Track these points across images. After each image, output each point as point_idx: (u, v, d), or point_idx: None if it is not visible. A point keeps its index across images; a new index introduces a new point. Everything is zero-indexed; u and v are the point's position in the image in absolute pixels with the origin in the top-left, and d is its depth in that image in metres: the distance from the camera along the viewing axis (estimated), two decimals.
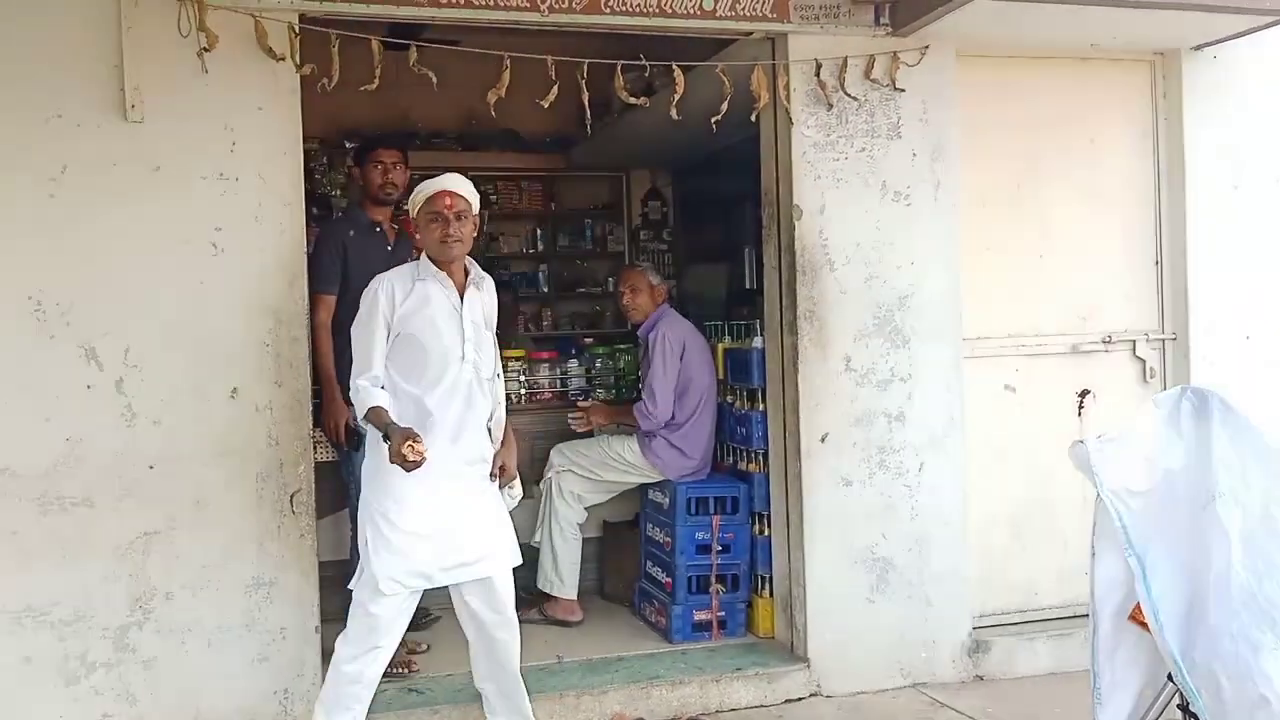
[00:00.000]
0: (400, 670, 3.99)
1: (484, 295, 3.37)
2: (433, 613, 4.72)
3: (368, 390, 3.17)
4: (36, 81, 3.40)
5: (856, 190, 4.21)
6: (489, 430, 3.37)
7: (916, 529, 4.28)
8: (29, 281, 3.40)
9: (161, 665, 3.51)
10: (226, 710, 3.56)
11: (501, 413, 3.45)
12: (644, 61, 3.91)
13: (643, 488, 4.78)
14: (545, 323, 7.69)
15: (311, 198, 5.75)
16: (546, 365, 5.25)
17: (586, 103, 3.83)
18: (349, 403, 3.66)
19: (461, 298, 3.27)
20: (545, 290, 7.82)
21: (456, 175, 3.33)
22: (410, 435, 3.02)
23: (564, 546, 4.65)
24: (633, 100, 3.95)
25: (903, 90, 4.22)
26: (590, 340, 5.69)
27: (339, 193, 6.94)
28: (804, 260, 4.16)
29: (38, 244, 3.41)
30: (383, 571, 3.12)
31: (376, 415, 3.13)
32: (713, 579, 4.46)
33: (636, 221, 7.99)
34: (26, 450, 3.40)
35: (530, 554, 4.78)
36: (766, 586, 4.46)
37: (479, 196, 3.39)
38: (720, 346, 4.79)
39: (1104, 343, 4.66)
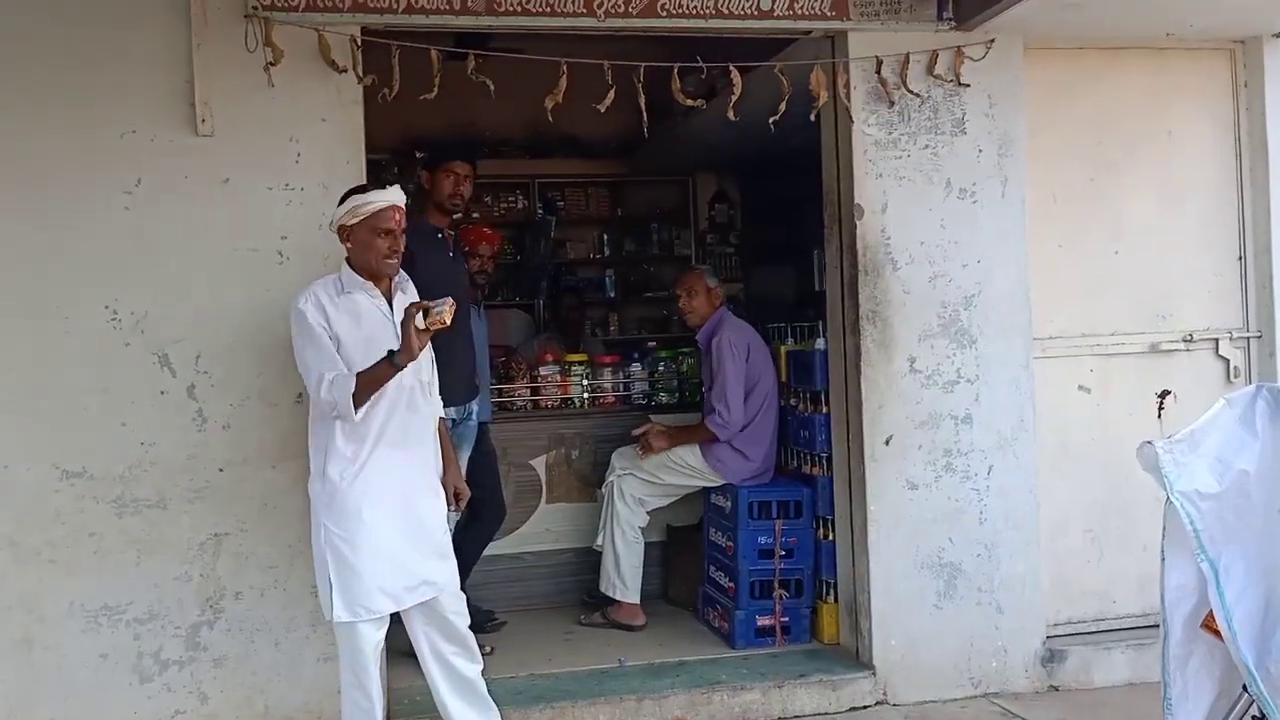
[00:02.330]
0: None
1: (409, 297, 3.26)
2: (498, 617, 4.77)
3: (338, 377, 2.99)
4: (114, 98, 3.53)
5: (920, 188, 4.14)
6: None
7: (986, 533, 4.18)
8: (106, 291, 3.53)
9: (231, 663, 3.60)
10: (292, 708, 3.64)
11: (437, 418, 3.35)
12: (700, 63, 3.89)
13: (706, 491, 4.76)
14: (612, 328, 7.71)
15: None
16: (609, 370, 5.26)
17: (644, 107, 3.82)
18: None
19: (390, 305, 3.18)
20: (612, 295, 7.85)
21: (398, 187, 3.21)
22: (413, 311, 2.94)
23: (626, 550, 4.65)
24: (690, 103, 3.93)
25: (967, 85, 4.14)
26: (654, 344, 5.68)
27: (408, 202, 7.05)
28: (866, 260, 4.10)
29: (114, 254, 3.54)
30: (350, 599, 3.05)
31: (363, 376, 2.98)
32: (775, 584, 4.41)
33: (703, 225, 7.98)
34: (104, 454, 3.53)
35: (593, 558, 4.82)
36: (831, 592, 4.40)
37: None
38: (783, 349, 4.75)
39: (1184, 341, 4.50)
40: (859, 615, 4.19)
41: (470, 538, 4.71)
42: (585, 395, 5.19)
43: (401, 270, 3.31)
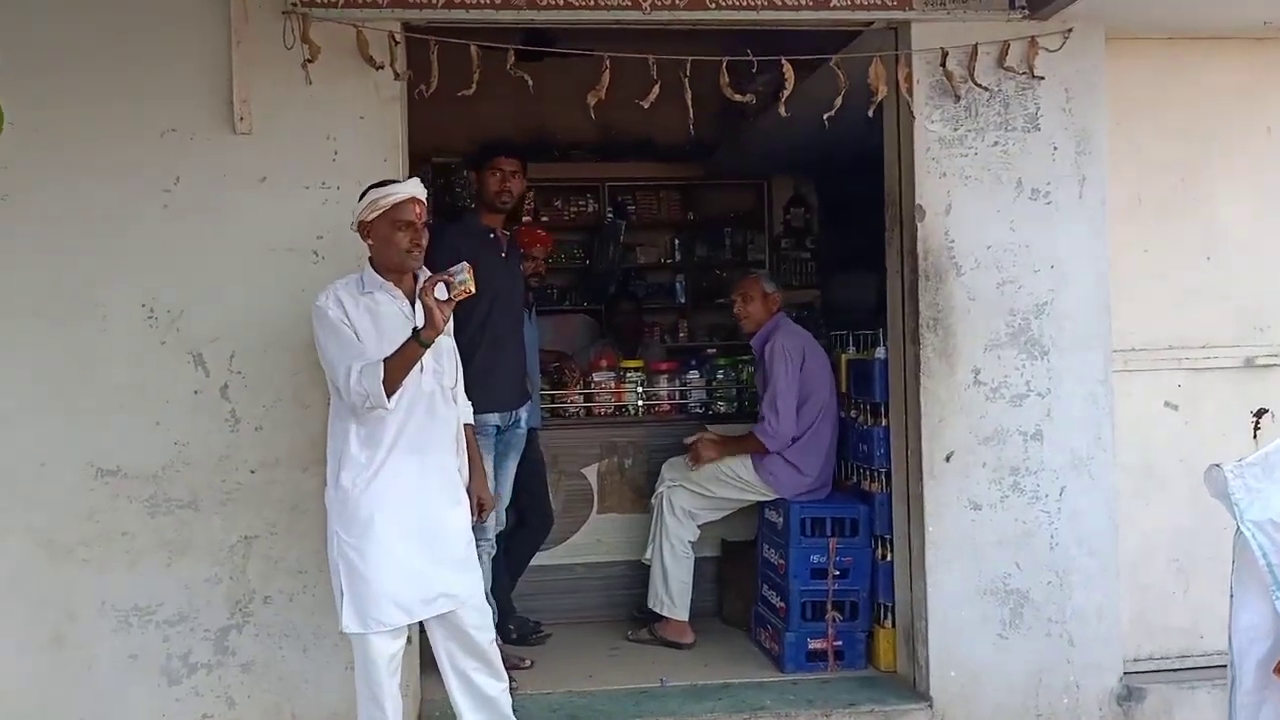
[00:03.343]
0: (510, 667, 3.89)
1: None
2: (543, 629, 4.65)
3: (366, 366, 2.87)
4: (154, 98, 3.52)
5: (988, 188, 3.88)
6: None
7: (1057, 559, 3.89)
8: (143, 288, 3.52)
9: (258, 668, 3.56)
10: (321, 714, 3.57)
11: (462, 424, 3.23)
12: (751, 57, 3.71)
13: (760, 506, 4.56)
14: (681, 334, 7.55)
15: (453, 211, 5.83)
16: (665, 377, 5.10)
17: (690, 102, 3.65)
18: None
19: (412, 305, 3.07)
20: (682, 301, 7.68)
21: (417, 180, 3.11)
22: (431, 285, 2.82)
23: (675, 565, 4.47)
24: (739, 98, 3.75)
25: (1042, 78, 3.86)
26: (713, 351, 5.50)
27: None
28: (927, 264, 3.86)
29: (152, 252, 3.53)
30: (361, 609, 2.95)
31: (390, 361, 2.86)
32: (828, 605, 4.18)
33: (778, 229, 7.77)
34: (138, 453, 3.52)
35: (645, 571, 4.66)
36: (889, 616, 4.15)
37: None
38: (843, 357, 4.52)
39: None
40: (916, 643, 3.94)
41: (517, 546, 4.61)
42: (640, 403, 5.04)
43: (425, 268, 3.21)
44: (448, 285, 2.82)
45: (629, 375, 5.05)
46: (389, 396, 2.88)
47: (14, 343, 3.47)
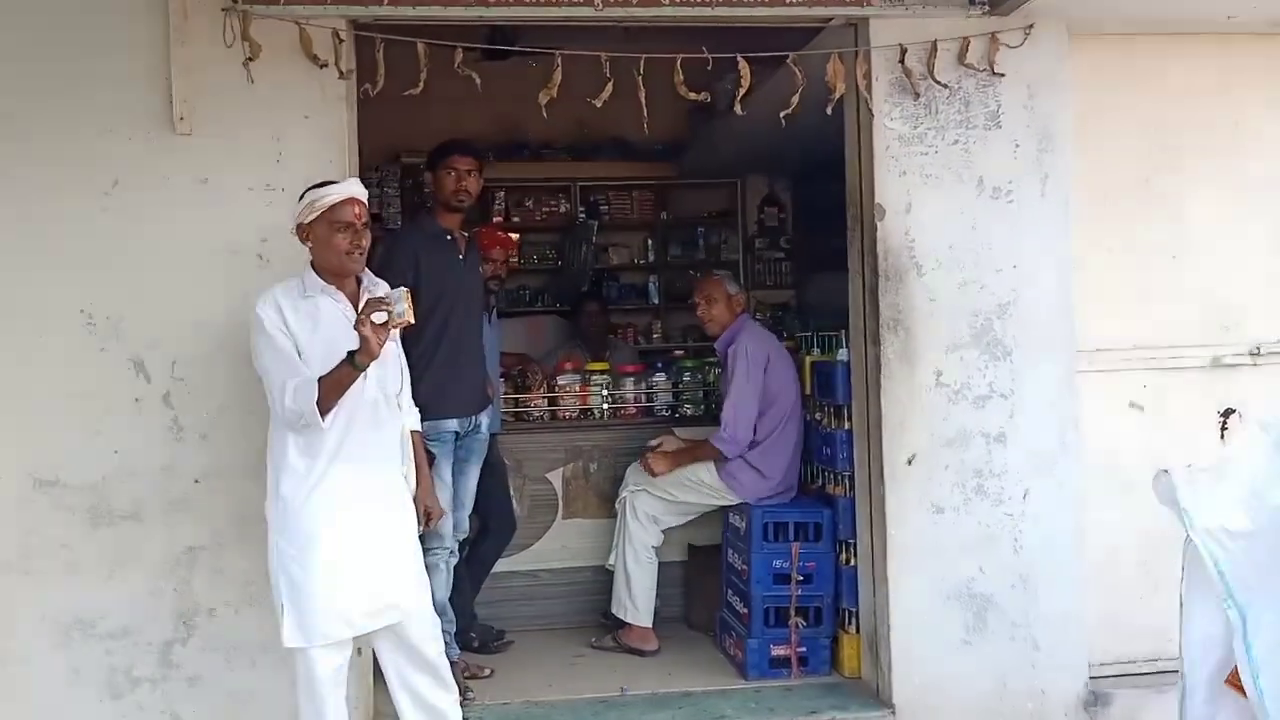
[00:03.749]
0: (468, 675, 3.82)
1: None
2: (506, 636, 4.57)
3: (301, 383, 2.81)
4: (91, 97, 3.44)
5: (948, 186, 3.82)
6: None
7: (1021, 563, 3.83)
8: (82, 294, 3.44)
9: (205, 683, 3.47)
10: None
11: (409, 431, 3.16)
12: (705, 54, 3.63)
13: (725, 510, 4.49)
14: (655, 335, 7.47)
15: (416, 212, 5.73)
16: (631, 380, 5.03)
17: (644, 101, 3.57)
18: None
19: (355, 308, 2.97)
20: (655, 302, 7.61)
21: (356, 180, 3.05)
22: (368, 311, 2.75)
23: (638, 570, 4.40)
24: (693, 96, 3.66)
25: (1003, 75, 3.81)
26: (680, 353, 5.43)
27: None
28: (887, 265, 3.79)
29: (90, 256, 3.44)
30: (303, 623, 2.87)
31: (324, 380, 2.80)
32: (792, 611, 4.12)
33: (752, 229, 7.70)
34: (78, 463, 3.43)
35: (608, 577, 4.58)
36: (854, 621, 4.08)
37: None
38: (807, 359, 4.45)
39: (1251, 355, 4.07)
40: (879, 648, 3.87)
41: (480, 552, 4.53)
42: (606, 406, 4.97)
43: (369, 271, 3.13)
44: (387, 312, 2.75)
45: (594, 378, 4.97)
46: (323, 415, 2.82)
47: None
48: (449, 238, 4.06)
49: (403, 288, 2.81)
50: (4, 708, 3.38)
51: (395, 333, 3.09)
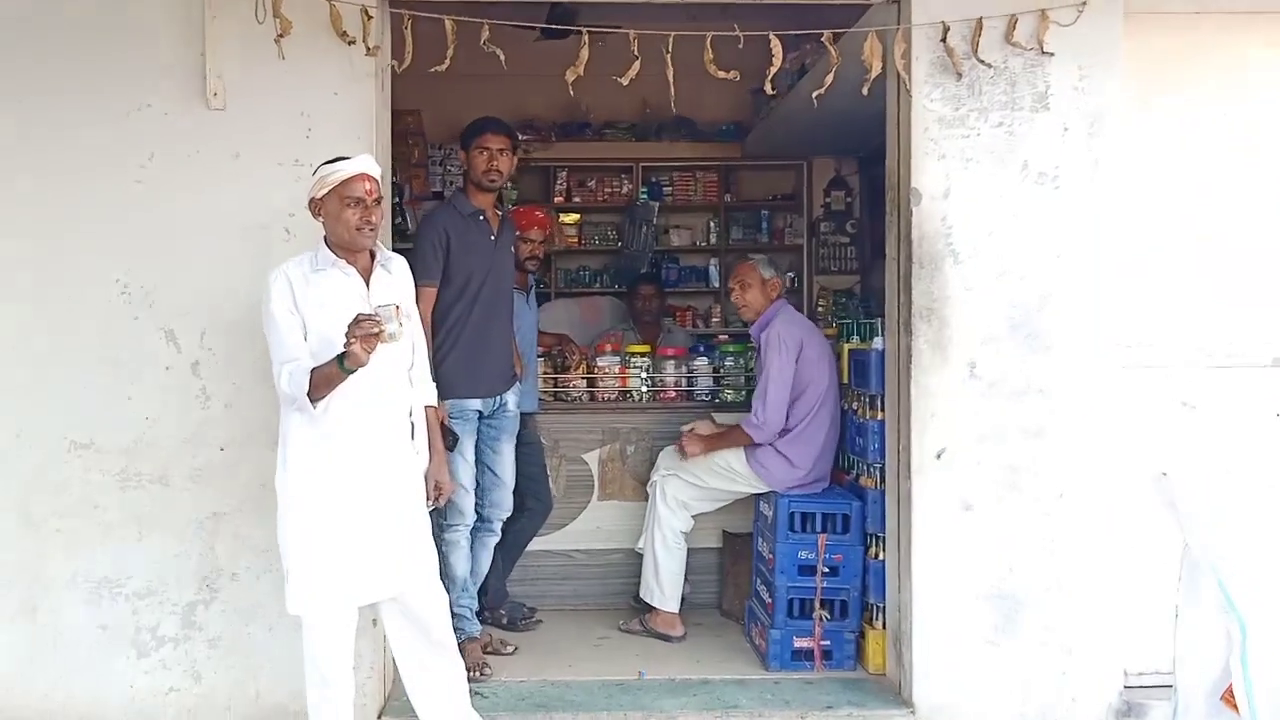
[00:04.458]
0: (473, 673, 3.83)
1: (394, 278, 3.10)
2: (536, 614, 4.59)
3: (296, 369, 2.86)
4: (129, 74, 3.52)
5: (989, 171, 3.67)
6: (411, 425, 3.11)
7: (1055, 565, 3.68)
8: (118, 264, 3.54)
9: (225, 645, 3.56)
10: (286, 694, 3.55)
11: (422, 406, 3.16)
12: (737, 32, 3.55)
13: (756, 497, 4.42)
14: (714, 319, 7.39)
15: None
16: (672, 363, 4.98)
17: (671, 80, 3.52)
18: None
19: (367, 283, 3.02)
20: (716, 285, 7.53)
21: (369, 156, 3.06)
22: (355, 328, 2.74)
23: (666, 556, 4.36)
24: (723, 75, 3.58)
25: (1052, 54, 3.63)
26: (725, 337, 5.36)
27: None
28: (921, 251, 3.67)
29: (127, 228, 3.54)
30: (304, 590, 2.93)
31: (316, 372, 2.84)
32: (816, 603, 4.03)
33: (818, 213, 7.55)
34: (111, 427, 3.54)
35: (639, 560, 4.56)
36: (881, 617, 3.98)
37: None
38: (845, 347, 4.34)
39: None
40: (903, 645, 3.77)
41: (515, 531, 4.55)
42: (645, 389, 4.93)
43: (382, 247, 3.15)
44: (377, 328, 2.76)
45: (634, 361, 4.94)
46: (314, 403, 2.87)
47: None
48: (481, 218, 4.06)
49: (393, 304, 2.82)
50: (36, 660, 3.52)
51: (407, 302, 3.12)
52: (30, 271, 3.52)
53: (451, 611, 3.39)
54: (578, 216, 7.55)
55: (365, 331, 2.74)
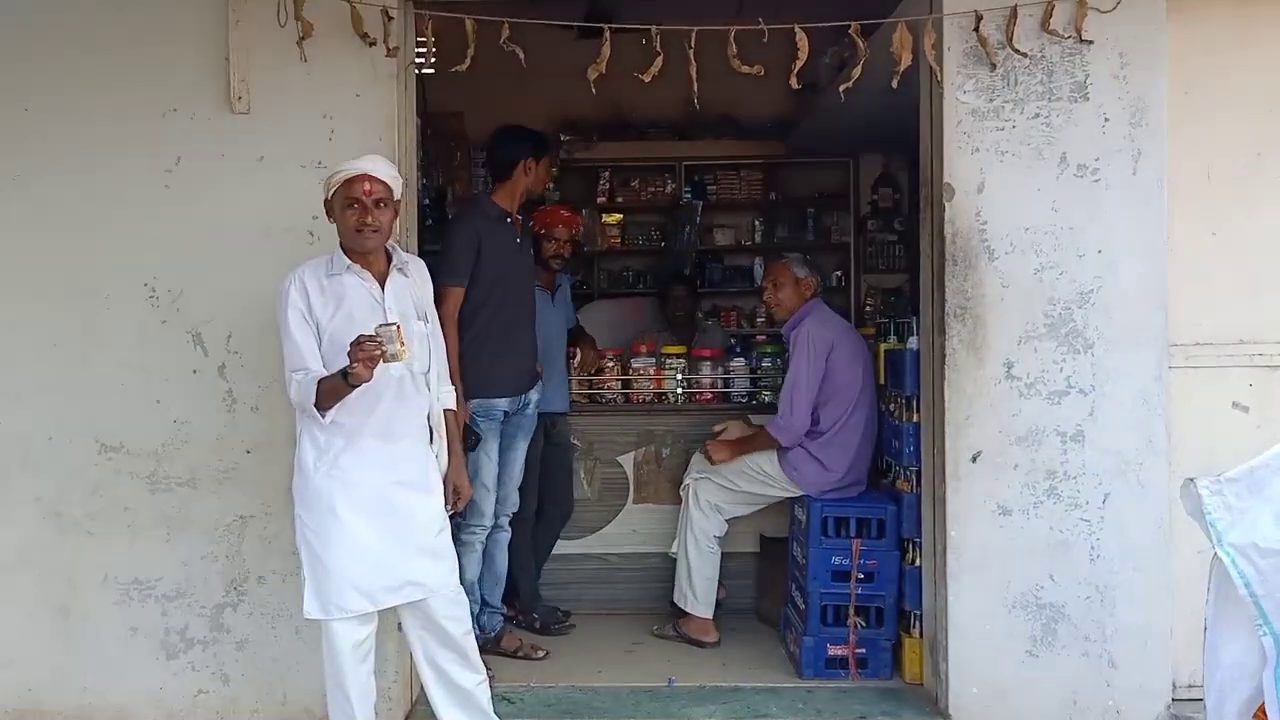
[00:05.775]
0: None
1: (412, 281, 3.09)
2: (570, 618, 4.55)
3: (305, 378, 2.88)
4: (155, 78, 3.56)
5: (1026, 164, 3.54)
6: (430, 429, 3.09)
7: (1098, 573, 3.54)
8: (145, 268, 3.57)
9: (252, 647, 3.58)
10: (313, 697, 3.54)
11: (440, 410, 3.13)
12: (762, 25, 3.47)
13: (790, 502, 4.33)
14: (759, 319, 7.29)
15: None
16: (708, 364, 4.91)
17: (693, 75, 3.45)
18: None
19: (383, 287, 3.00)
20: (760, 285, 7.41)
21: (378, 157, 3.05)
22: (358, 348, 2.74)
23: (699, 560, 4.29)
24: (746, 69, 3.51)
25: (1091, 42, 3.50)
26: (762, 338, 5.27)
27: (551, 186, 6.92)
28: (955, 248, 3.55)
29: (154, 232, 3.57)
30: (322, 594, 2.92)
31: (324, 383, 2.84)
32: (851, 610, 3.93)
33: (865, 210, 7.41)
34: (140, 430, 3.58)
35: (674, 564, 4.50)
36: (918, 624, 3.87)
37: (400, 180, 3.07)
38: (882, 347, 4.23)
39: None
40: (939, 655, 3.66)
41: (535, 536, 4.53)
42: (680, 390, 4.87)
43: (399, 249, 3.14)
44: (379, 349, 2.75)
45: (669, 362, 4.88)
46: (322, 414, 2.87)
47: (20, 321, 3.58)
48: (508, 219, 4.07)
49: (394, 325, 2.80)
50: (67, 660, 3.57)
51: (425, 306, 3.11)
52: (60, 275, 3.57)
53: None
54: (620, 217, 7.51)
55: (366, 354, 2.74)
